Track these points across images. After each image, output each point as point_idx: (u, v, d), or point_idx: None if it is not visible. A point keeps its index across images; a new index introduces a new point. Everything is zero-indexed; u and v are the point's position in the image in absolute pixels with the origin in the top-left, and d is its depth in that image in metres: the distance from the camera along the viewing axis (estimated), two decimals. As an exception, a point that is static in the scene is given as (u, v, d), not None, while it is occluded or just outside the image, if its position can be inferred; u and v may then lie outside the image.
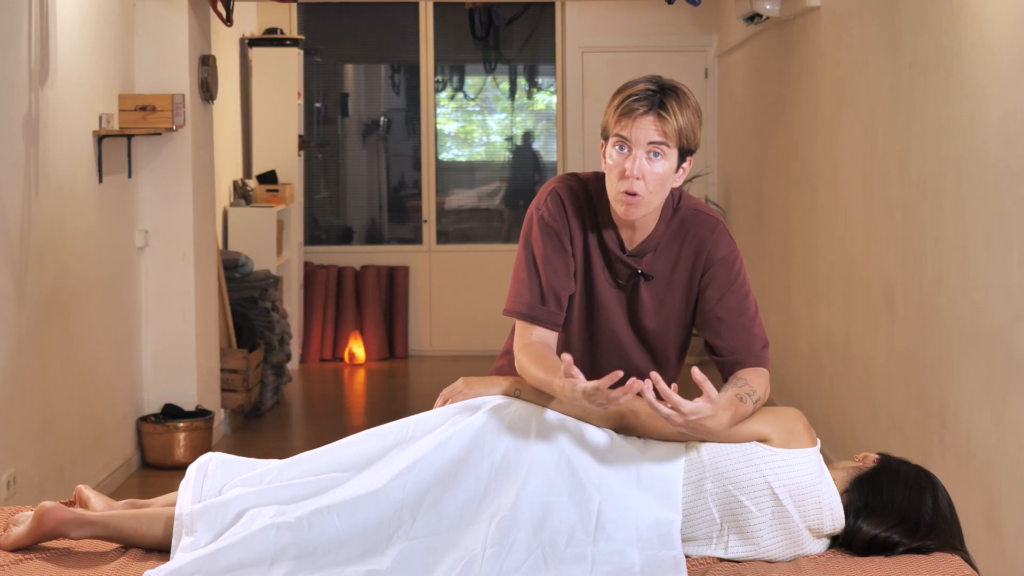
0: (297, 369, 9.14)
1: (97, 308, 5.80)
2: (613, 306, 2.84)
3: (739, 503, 2.63)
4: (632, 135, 2.66)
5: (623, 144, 2.68)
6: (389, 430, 2.74)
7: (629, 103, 2.68)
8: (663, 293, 2.83)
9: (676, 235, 2.82)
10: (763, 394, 2.74)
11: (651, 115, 2.67)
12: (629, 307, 2.84)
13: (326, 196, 10.19)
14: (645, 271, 2.81)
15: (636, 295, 2.83)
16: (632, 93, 2.69)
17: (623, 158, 2.67)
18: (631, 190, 2.67)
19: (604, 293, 2.83)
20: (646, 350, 2.89)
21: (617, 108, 2.69)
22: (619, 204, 2.70)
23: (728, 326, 2.81)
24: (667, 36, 9.65)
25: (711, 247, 2.81)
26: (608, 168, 2.72)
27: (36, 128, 5.11)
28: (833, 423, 6.16)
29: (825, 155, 6.30)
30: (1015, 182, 3.91)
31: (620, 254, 2.81)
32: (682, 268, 2.82)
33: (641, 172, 2.66)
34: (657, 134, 2.66)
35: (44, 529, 2.71)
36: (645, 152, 2.66)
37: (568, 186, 2.84)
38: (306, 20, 9.88)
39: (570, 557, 2.56)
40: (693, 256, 2.81)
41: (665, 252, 2.81)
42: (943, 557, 2.64)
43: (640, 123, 2.66)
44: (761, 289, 8.05)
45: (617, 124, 2.68)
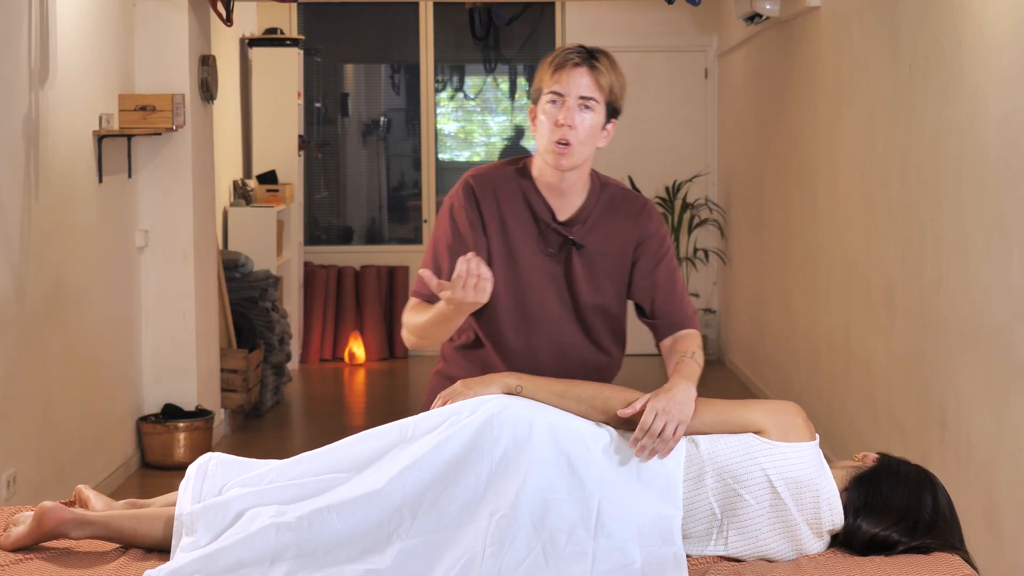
0: (297, 369, 9.14)
1: (97, 308, 5.80)
2: (546, 279, 2.94)
3: (738, 496, 2.64)
4: (565, 88, 2.83)
5: (556, 98, 2.84)
6: (389, 430, 2.75)
7: (563, 56, 2.86)
8: (596, 265, 2.95)
9: (606, 210, 2.96)
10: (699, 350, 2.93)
11: (584, 67, 2.85)
12: (565, 279, 2.95)
13: (326, 196, 10.19)
14: (577, 240, 2.93)
15: (570, 265, 2.94)
16: (565, 50, 2.88)
17: (556, 109, 2.84)
18: (564, 139, 2.83)
19: (536, 266, 2.93)
20: (580, 327, 2.97)
21: (551, 64, 2.86)
22: (551, 155, 2.86)
23: (663, 292, 2.98)
24: (667, 36, 9.65)
25: (643, 221, 2.98)
26: (540, 123, 2.87)
27: (36, 128, 5.11)
28: (833, 423, 6.16)
29: (825, 155, 6.30)
30: (1015, 182, 3.91)
31: (552, 222, 2.93)
32: (615, 241, 2.95)
33: (573, 121, 2.83)
34: (588, 88, 2.84)
35: (44, 529, 2.71)
36: (577, 104, 2.83)
37: (480, 173, 2.99)
38: (306, 20, 9.89)
39: (570, 554, 2.56)
40: (625, 230, 2.97)
41: (596, 225, 2.94)
42: (943, 556, 2.64)
43: (573, 75, 2.83)
44: (761, 289, 8.05)
45: (551, 79, 2.85)
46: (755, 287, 8.26)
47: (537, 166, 2.95)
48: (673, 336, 2.98)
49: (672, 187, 9.46)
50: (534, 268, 2.93)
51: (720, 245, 9.50)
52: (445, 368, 3.10)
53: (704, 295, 9.70)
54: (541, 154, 2.90)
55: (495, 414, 2.69)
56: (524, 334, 2.95)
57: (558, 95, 2.84)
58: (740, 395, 8.09)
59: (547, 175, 2.92)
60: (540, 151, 2.90)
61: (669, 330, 2.98)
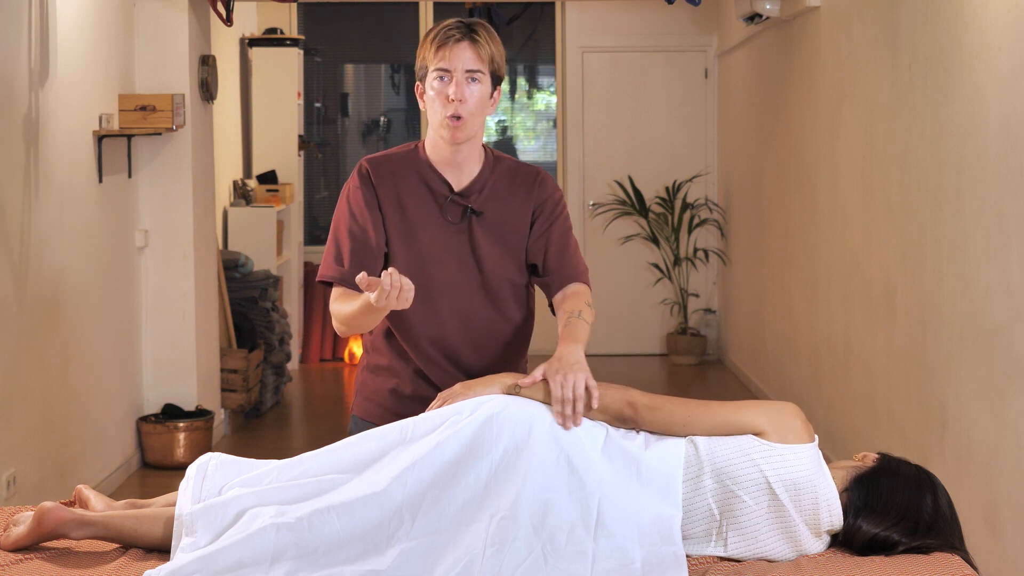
0: (297, 369, 9.14)
1: (97, 308, 5.80)
2: (448, 252, 2.99)
3: (737, 498, 2.64)
4: (451, 64, 2.92)
5: (443, 75, 2.92)
6: (389, 431, 2.75)
7: (444, 34, 2.94)
8: (497, 233, 3.02)
9: (502, 179, 3.04)
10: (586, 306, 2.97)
11: (465, 42, 2.93)
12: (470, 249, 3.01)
13: (326, 196, 10.19)
14: (475, 208, 2.99)
15: (472, 235, 3.00)
16: (444, 27, 2.95)
17: (445, 86, 2.92)
18: (456, 113, 2.91)
19: (438, 240, 2.99)
20: (486, 296, 3.02)
21: (433, 42, 2.94)
22: (445, 130, 2.94)
23: (556, 248, 3.03)
24: (667, 36, 9.65)
25: (539, 188, 3.06)
26: (431, 100, 2.95)
27: (36, 128, 5.11)
28: (833, 423, 6.16)
29: (825, 155, 6.30)
30: (1015, 182, 3.92)
31: (450, 194, 3.00)
32: (514, 209, 3.03)
33: (463, 95, 2.91)
34: (472, 60, 2.92)
35: (44, 529, 2.71)
36: (464, 78, 2.91)
37: (373, 157, 3.07)
38: (306, 20, 9.89)
39: (571, 554, 2.56)
40: (523, 197, 3.05)
41: (493, 193, 3.02)
42: (943, 557, 2.64)
43: (456, 50, 2.92)
44: (761, 289, 8.05)
45: (436, 57, 2.93)
46: (755, 287, 8.26)
47: (429, 144, 3.03)
48: (563, 292, 3.03)
49: (672, 187, 9.46)
50: (436, 242, 2.99)
51: (720, 245, 9.50)
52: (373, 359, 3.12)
53: (704, 295, 9.70)
54: (435, 129, 2.97)
55: (494, 414, 2.69)
56: (429, 310, 2.99)
57: (445, 71, 2.92)
58: (740, 395, 8.09)
59: (441, 150, 2.99)
60: (434, 127, 2.97)
61: (560, 284, 3.03)
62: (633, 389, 2.80)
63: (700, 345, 9.39)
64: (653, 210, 9.46)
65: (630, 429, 2.77)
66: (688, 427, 2.71)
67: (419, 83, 3.03)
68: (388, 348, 3.08)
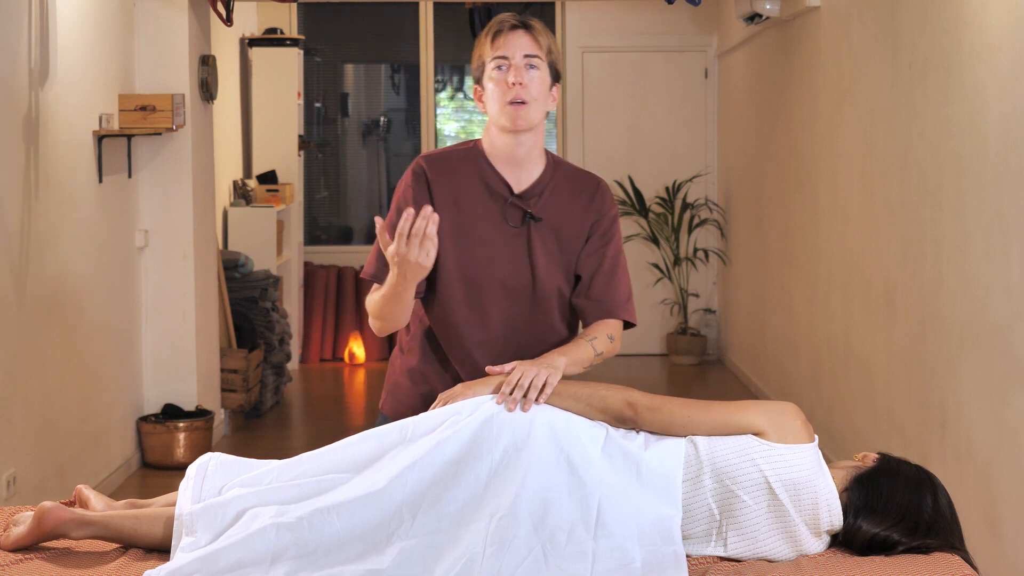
0: (297, 369, 9.14)
1: (97, 308, 5.80)
2: (504, 255, 2.95)
3: (736, 498, 2.64)
4: (509, 51, 2.89)
5: (501, 63, 2.90)
6: (389, 430, 2.75)
7: (498, 25, 2.92)
8: (553, 240, 2.98)
9: (562, 185, 3.00)
10: (607, 338, 2.96)
11: (521, 30, 2.92)
12: (527, 254, 2.96)
13: (326, 196, 10.19)
14: (535, 213, 2.95)
15: (530, 240, 2.96)
16: (497, 19, 2.94)
17: (504, 74, 2.90)
18: (518, 97, 2.88)
19: (494, 243, 2.95)
20: (534, 303, 2.98)
21: (488, 35, 2.93)
22: (507, 117, 2.89)
23: (605, 275, 2.99)
24: (667, 36, 9.65)
25: (599, 200, 3.02)
26: (490, 92, 2.91)
27: (36, 128, 5.11)
28: (833, 423, 6.16)
29: (825, 155, 6.30)
30: (1015, 182, 3.92)
31: (510, 196, 2.96)
32: (572, 217, 2.99)
33: (523, 79, 2.88)
34: (530, 46, 2.90)
35: (44, 529, 2.71)
36: (523, 64, 2.89)
37: (431, 155, 3.03)
38: (306, 20, 9.89)
39: (570, 554, 2.56)
40: (583, 207, 3.00)
41: (553, 199, 2.98)
42: (943, 557, 2.64)
43: (512, 38, 2.90)
44: (761, 289, 8.06)
45: (492, 47, 2.91)
46: (755, 287, 8.26)
47: (489, 141, 2.98)
48: (600, 321, 3.00)
49: (672, 187, 9.46)
50: (492, 244, 2.95)
51: (720, 245, 9.50)
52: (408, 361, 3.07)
53: (704, 295, 9.70)
54: (495, 121, 2.93)
55: (494, 414, 2.69)
56: (477, 312, 2.95)
57: (503, 59, 2.89)
58: (740, 395, 8.09)
59: (501, 146, 2.95)
60: (494, 118, 2.93)
61: (596, 315, 3.00)
62: (633, 389, 2.80)
63: (700, 345, 9.39)
64: (653, 210, 9.46)
65: (630, 429, 2.77)
66: (688, 427, 2.71)
67: (476, 85, 2.97)
68: (424, 351, 3.04)
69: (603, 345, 2.94)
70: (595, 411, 2.75)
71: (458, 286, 2.95)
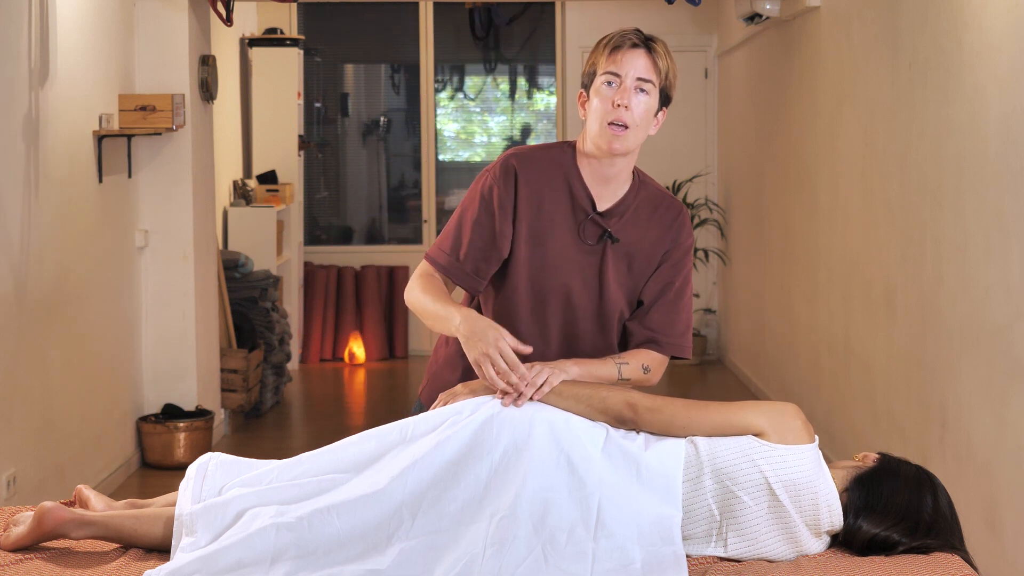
0: (297, 369, 9.14)
1: (97, 308, 5.80)
2: (575, 268, 2.90)
3: (737, 498, 2.64)
4: (622, 69, 2.80)
5: (612, 79, 2.80)
6: (389, 430, 2.74)
7: (620, 38, 2.82)
8: (626, 262, 2.92)
9: (643, 207, 2.92)
10: (640, 368, 2.87)
11: (642, 48, 2.82)
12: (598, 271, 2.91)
13: (326, 196, 10.19)
14: (614, 233, 2.89)
15: (604, 259, 2.90)
16: (621, 32, 2.84)
17: (612, 91, 2.80)
18: (620, 120, 2.79)
19: (567, 255, 2.89)
20: (598, 320, 2.94)
21: (607, 46, 2.82)
22: (604, 137, 2.81)
23: (664, 304, 2.93)
24: (667, 36, 9.61)
25: (677, 229, 2.94)
26: (593, 106, 2.82)
27: (36, 128, 5.11)
28: (833, 423, 6.16)
29: (825, 155, 6.30)
30: (1015, 182, 3.91)
31: (592, 212, 2.89)
32: (648, 242, 2.92)
33: (629, 102, 2.79)
34: (645, 69, 2.81)
35: (44, 529, 2.70)
36: (633, 86, 2.80)
37: (523, 153, 2.93)
38: (306, 20, 9.89)
39: (571, 554, 2.56)
40: (660, 233, 2.93)
41: (633, 221, 2.91)
42: (943, 557, 2.64)
43: (630, 56, 2.80)
44: (761, 289, 8.05)
45: (607, 60, 2.81)
46: (755, 287, 8.26)
47: (583, 151, 2.89)
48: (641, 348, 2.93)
49: (672, 187, 9.46)
50: (564, 256, 2.89)
51: (720, 245, 9.50)
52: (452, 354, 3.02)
53: (704, 295, 9.70)
54: (592, 138, 2.83)
55: (495, 414, 2.69)
56: (539, 324, 2.92)
57: (615, 75, 2.79)
58: (740, 395, 8.09)
59: (594, 161, 2.87)
60: (592, 135, 2.83)
61: (642, 343, 2.93)
62: (633, 390, 2.80)
63: (700, 345, 9.39)
64: (653, 210, 9.45)
65: (630, 430, 2.77)
66: (688, 428, 2.71)
67: (583, 90, 2.88)
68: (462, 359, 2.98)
69: (632, 372, 2.87)
70: (595, 412, 2.75)
71: (524, 292, 2.91)
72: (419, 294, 2.89)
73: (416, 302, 2.90)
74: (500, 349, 2.70)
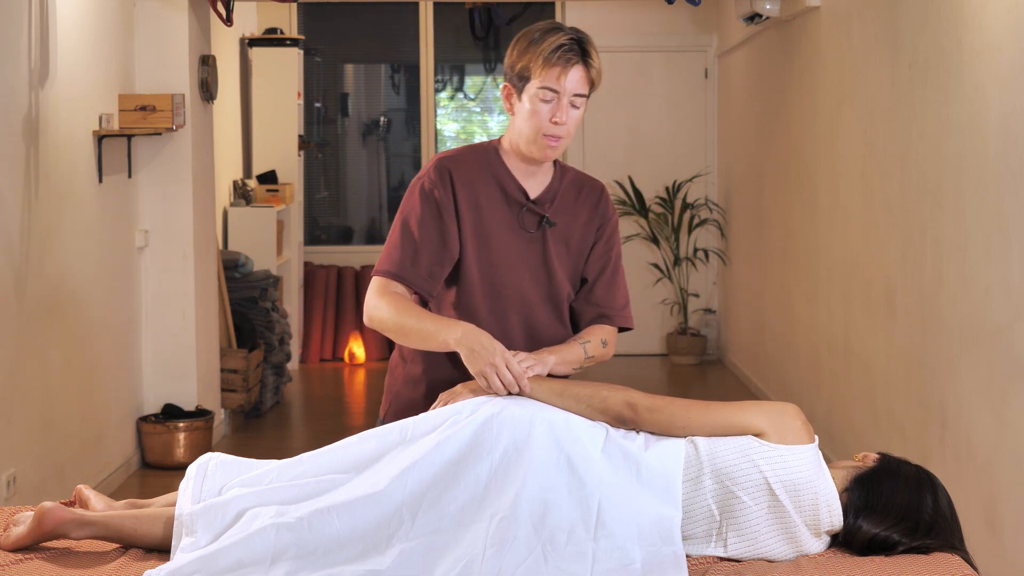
0: (297, 369, 9.14)
1: (97, 308, 5.80)
2: (520, 259, 2.96)
3: (736, 498, 2.64)
4: (561, 86, 2.85)
5: (551, 96, 2.85)
6: (389, 431, 2.74)
7: (561, 54, 2.85)
8: (565, 243, 3.00)
9: (569, 190, 3.02)
10: (600, 343, 2.98)
11: (580, 66, 2.87)
12: (542, 259, 2.98)
13: (326, 196, 10.19)
14: (551, 218, 2.98)
15: (545, 245, 2.98)
16: (559, 43, 2.86)
17: (548, 107, 2.85)
18: (556, 134, 2.87)
19: (511, 247, 2.96)
20: (551, 306, 3.01)
21: (546, 57, 2.85)
22: (539, 148, 2.90)
23: (605, 279, 3.03)
24: (667, 36, 9.65)
25: (603, 206, 3.06)
26: (526, 112, 2.88)
27: (36, 128, 5.11)
28: (833, 423, 6.16)
29: (825, 155, 6.30)
30: (1015, 182, 3.91)
31: (526, 202, 2.97)
32: (581, 222, 3.02)
33: (566, 118, 2.87)
34: (581, 84, 2.87)
35: (44, 529, 2.71)
36: (570, 102, 2.86)
37: (452, 156, 3.00)
38: (306, 20, 9.89)
39: (570, 554, 2.56)
40: (589, 212, 3.03)
41: (563, 205, 3.00)
42: (943, 557, 2.64)
43: (571, 74, 2.85)
44: (761, 289, 8.05)
45: (545, 73, 2.84)
46: (755, 287, 8.26)
47: (509, 147, 2.98)
48: (595, 325, 3.03)
49: (672, 187, 9.46)
50: (510, 250, 2.96)
51: (720, 245, 9.49)
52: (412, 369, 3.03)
53: (704, 295, 9.70)
54: (525, 144, 2.91)
55: (495, 414, 2.69)
56: (498, 320, 2.96)
57: (554, 92, 2.86)
58: (740, 395, 8.09)
59: (522, 160, 2.96)
60: (525, 141, 2.91)
61: (594, 320, 3.03)
62: (633, 390, 2.80)
63: (700, 345, 9.39)
64: (653, 210, 9.46)
65: (630, 430, 2.77)
66: (689, 428, 2.71)
67: (509, 84, 2.93)
68: (428, 358, 3.01)
69: (595, 349, 2.97)
70: (595, 412, 2.75)
71: (480, 291, 2.95)
72: (394, 313, 2.87)
73: (390, 320, 2.88)
74: (506, 360, 2.74)
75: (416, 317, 2.86)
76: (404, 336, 2.89)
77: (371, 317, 2.91)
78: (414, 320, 2.86)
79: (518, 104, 2.91)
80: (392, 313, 2.88)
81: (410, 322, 2.86)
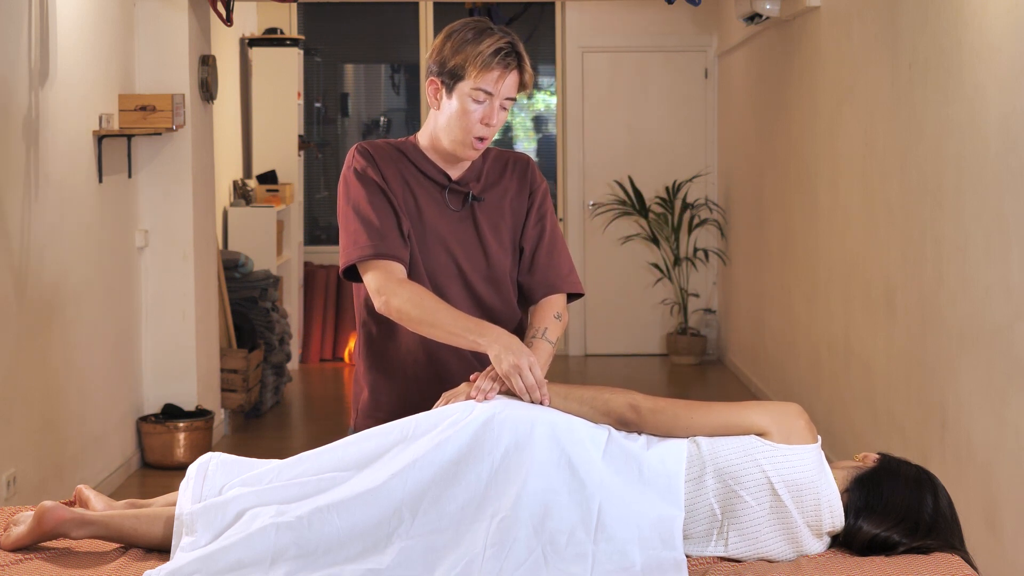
0: (297, 369, 9.14)
1: (97, 308, 5.80)
2: (455, 237, 2.97)
3: (738, 498, 2.64)
4: (496, 89, 2.86)
5: (485, 97, 2.86)
6: (390, 429, 2.74)
7: (501, 58, 2.85)
8: (497, 218, 3.01)
9: (494, 166, 3.04)
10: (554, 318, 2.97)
11: (514, 71, 2.88)
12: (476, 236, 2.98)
13: (326, 196, 10.19)
14: (476, 194, 2.99)
15: (477, 223, 2.98)
16: (498, 47, 2.85)
17: (482, 107, 2.87)
18: (485, 136, 2.90)
19: (443, 227, 2.96)
20: (491, 285, 3.00)
21: (485, 61, 2.84)
22: (466, 148, 2.91)
23: (547, 247, 3.03)
24: (667, 36, 9.65)
25: (532, 175, 3.07)
26: (455, 111, 2.88)
27: (36, 128, 5.11)
28: (833, 423, 6.16)
29: (825, 155, 6.30)
30: (1015, 182, 3.92)
31: (448, 183, 2.98)
32: (512, 193, 3.03)
33: (496, 121, 2.89)
34: (513, 88, 2.89)
35: (44, 529, 2.70)
36: (500, 104, 2.88)
37: (369, 143, 3.01)
38: (306, 20, 9.89)
39: (570, 556, 2.56)
40: (519, 184, 3.04)
41: (489, 180, 3.02)
42: (943, 557, 2.64)
43: (505, 80, 2.86)
44: (761, 289, 8.05)
45: (481, 76, 2.84)
46: (755, 287, 8.26)
47: (430, 142, 2.98)
48: (544, 299, 3.02)
49: (672, 187, 9.46)
50: (442, 229, 2.96)
51: (720, 245, 9.50)
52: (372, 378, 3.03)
53: (704, 295, 9.70)
54: (451, 142, 2.92)
55: (496, 414, 2.69)
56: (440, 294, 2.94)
57: (488, 94, 2.86)
58: (740, 395, 8.09)
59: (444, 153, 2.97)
60: (451, 138, 2.91)
61: (543, 292, 3.01)
62: (636, 392, 2.79)
63: (700, 345, 9.39)
64: (653, 210, 9.46)
65: (633, 431, 2.76)
66: (691, 429, 2.71)
67: (436, 79, 2.91)
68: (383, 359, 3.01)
69: (554, 332, 2.96)
70: (598, 414, 2.75)
71: (421, 271, 2.95)
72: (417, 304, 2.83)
73: (419, 311, 2.83)
74: (530, 364, 2.74)
75: (447, 312, 2.83)
76: (432, 328, 2.84)
77: (389, 306, 2.85)
78: (446, 315, 2.82)
79: (446, 101, 2.90)
80: (415, 304, 2.84)
81: (442, 317, 2.81)
